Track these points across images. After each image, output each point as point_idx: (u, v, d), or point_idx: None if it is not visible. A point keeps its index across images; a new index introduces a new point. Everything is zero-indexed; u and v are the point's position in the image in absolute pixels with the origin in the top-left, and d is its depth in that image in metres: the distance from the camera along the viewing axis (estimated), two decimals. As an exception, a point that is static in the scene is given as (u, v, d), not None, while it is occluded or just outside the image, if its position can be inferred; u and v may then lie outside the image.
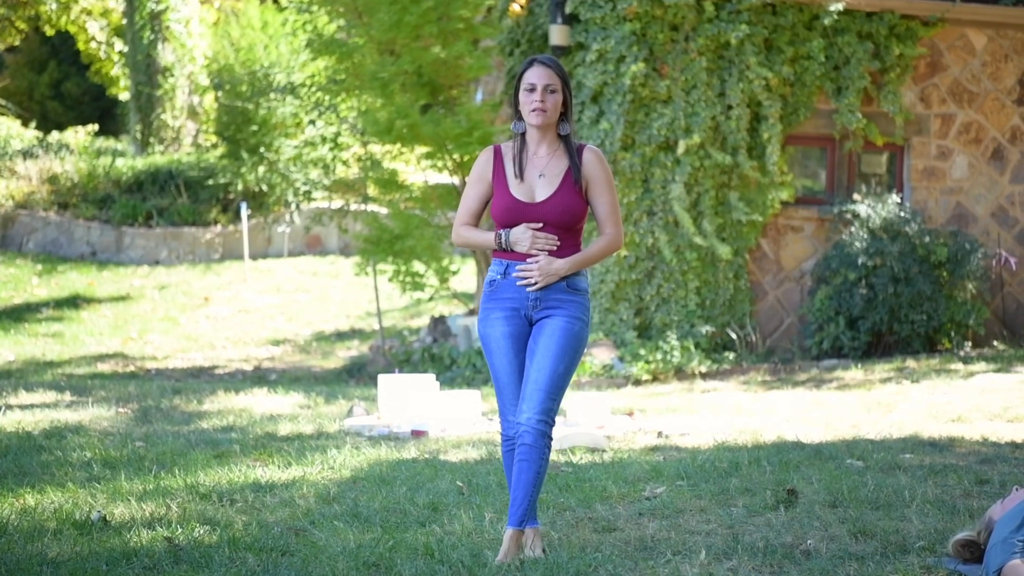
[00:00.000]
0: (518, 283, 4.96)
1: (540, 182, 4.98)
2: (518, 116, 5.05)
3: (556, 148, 5.04)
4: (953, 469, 6.59)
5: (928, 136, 13.21)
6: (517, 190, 4.98)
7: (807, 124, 12.96)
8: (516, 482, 4.88)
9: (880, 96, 12.94)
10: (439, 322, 14.27)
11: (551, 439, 4.90)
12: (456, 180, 13.07)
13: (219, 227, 20.00)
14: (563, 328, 4.92)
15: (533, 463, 4.86)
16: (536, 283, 4.93)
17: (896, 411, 9.25)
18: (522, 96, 5.00)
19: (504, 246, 4.97)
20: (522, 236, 4.95)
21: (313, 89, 18.58)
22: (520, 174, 4.99)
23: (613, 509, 5.87)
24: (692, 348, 12.22)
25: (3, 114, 23.72)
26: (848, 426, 8.50)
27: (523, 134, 5.06)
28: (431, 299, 14.46)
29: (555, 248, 4.95)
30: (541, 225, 4.97)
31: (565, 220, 4.96)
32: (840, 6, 12.51)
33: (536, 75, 4.98)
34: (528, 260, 4.95)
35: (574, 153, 5.01)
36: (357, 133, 17.13)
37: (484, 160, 5.08)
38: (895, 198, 12.78)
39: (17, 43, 20.57)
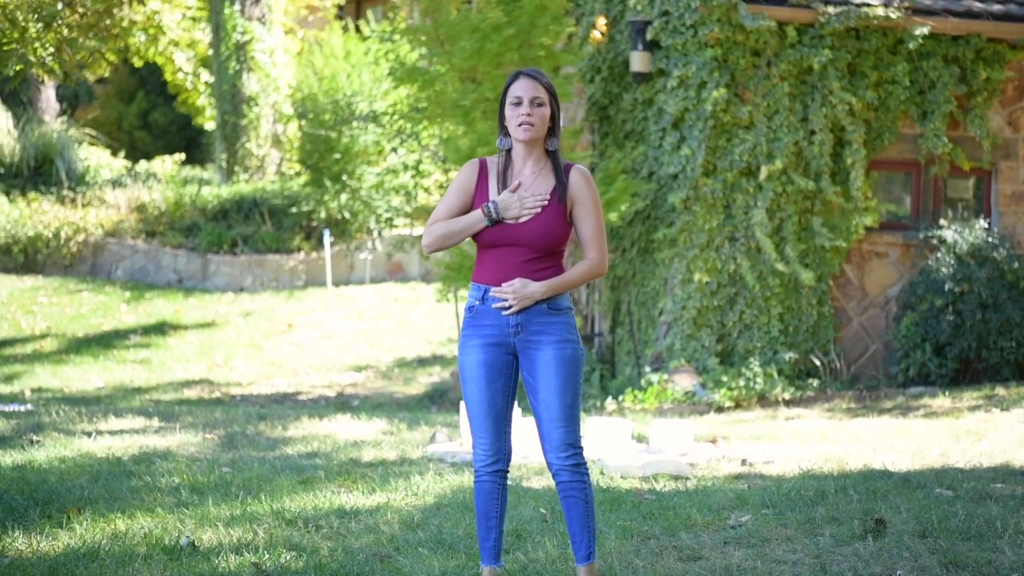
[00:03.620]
0: (493, 306, 4.81)
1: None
2: (503, 132, 4.88)
3: (543, 166, 4.87)
4: (1046, 499, 6.46)
5: (1016, 160, 13.02)
6: None
7: (891, 149, 12.83)
8: (569, 519, 4.82)
9: (967, 120, 12.79)
10: (520, 348, 14.27)
11: (586, 466, 4.81)
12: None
13: (302, 254, 20.21)
14: (557, 357, 4.77)
15: (578, 497, 4.80)
16: (511, 307, 4.78)
17: (986, 439, 9.09)
18: (508, 111, 4.84)
19: (495, 216, 4.77)
20: (510, 201, 4.78)
21: (395, 117, 18.74)
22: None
23: (698, 537, 5.83)
24: (775, 375, 12.12)
25: (93, 144, 24.20)
26: (936, 454, 8.37)
27: (509, 150, 4.90)
28: (512, 325, 14.50)
29: (546, 204, 4.79)
30: (517, 184, 4.81)
31: (546, 243, 4.79)
32: (925, 30, 12.38)
33: (522, 88, 4.81)
34: (504, 284, 4.79)
35: (561, 172, 4.85)
36: (438, 160, 17.25)
37: (468, 171, 4.91)
38: (982, 223, 12.60)
39: (107, 75, 20.97)
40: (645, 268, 13.15)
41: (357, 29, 22.96)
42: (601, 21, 13.52)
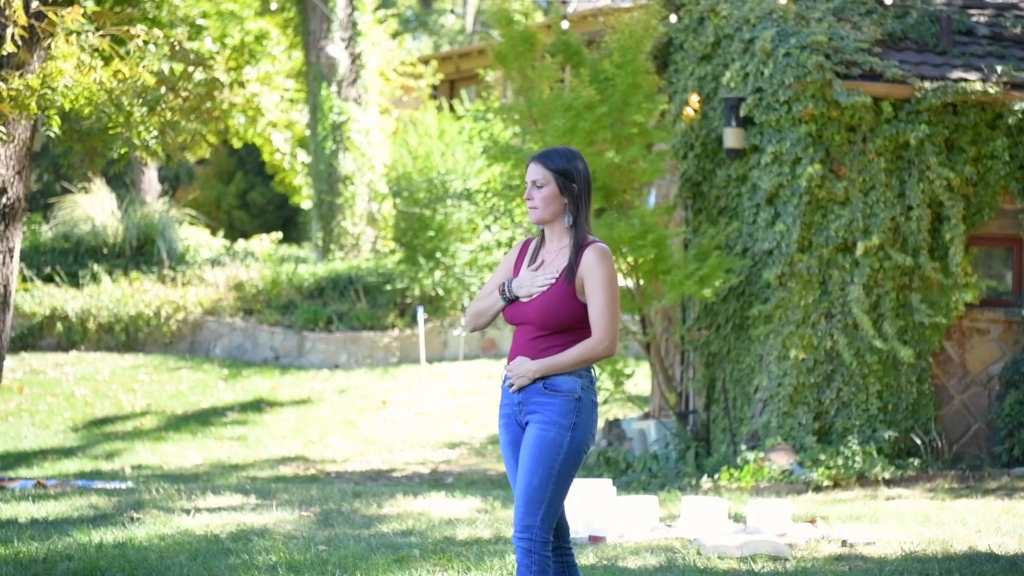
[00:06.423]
0: (504, 383, 4.93)
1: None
2: None
3: (564, 244, 4.96)
4: None
5: (1120, 234, 12.75)
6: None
7: (991, 224, 12.65)
8: None
9: (1068, 195, 12.57)
10: (614, 425, 14.21)
11: (539, 555, 4.73)
12: (631, 283, 13.09)
13: (396, 331, 20.36)
14: (534, 437, 4.80)
15: None
16: (512, 385, 4.88)
17: (1095, 522, 8.83)
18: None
19: (507, 294, 4.93)
20: (524, 280, 4.92)
21: (488, 195, 18.88)
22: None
23: (798, 622, 5.72)
24: (874, 453, 11.90)
25: (193, 224, 24.70)
26: (1044, 537, 8.15)
27: (543, 230, 5.05)
28: (605, 402, 14.41)
29: (553, 283, 4.87)
30: (540, 262, 4.94)
31: (547, 321, 4.85)
32: (1024, 104, 12.24)
33: (527, 173, 4.97)
34: (510, 363, 4.90)
35: (575, 251, 4.91)
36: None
37: (512, 253, 5.11)
38: (1087, 298, 12.34)
39: (207, 156, 21.49)
40: (740, 345, 13.05)
41: (451, 108, 23.26)
42: (694, 98, 13.56)
